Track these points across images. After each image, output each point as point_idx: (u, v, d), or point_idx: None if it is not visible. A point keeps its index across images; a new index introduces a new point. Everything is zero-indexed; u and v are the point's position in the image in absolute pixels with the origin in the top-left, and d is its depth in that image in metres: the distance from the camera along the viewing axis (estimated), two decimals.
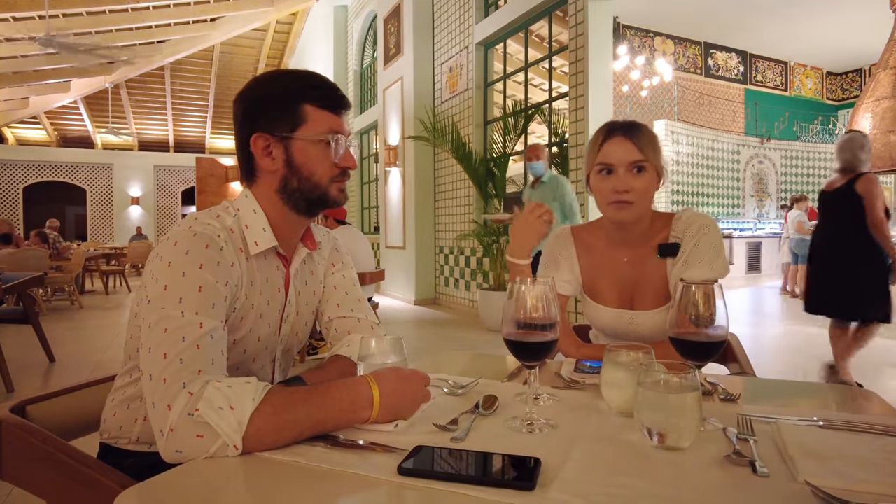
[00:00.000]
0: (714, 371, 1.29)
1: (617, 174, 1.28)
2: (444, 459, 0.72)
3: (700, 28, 12.02)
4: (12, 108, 12.59)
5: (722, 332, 0.88)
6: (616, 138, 1.29)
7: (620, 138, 1.28)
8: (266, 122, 0.98)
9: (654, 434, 0.75)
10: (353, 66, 10.80)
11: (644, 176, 1.27)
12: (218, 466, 0.72)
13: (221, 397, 0.76)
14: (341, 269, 1.20)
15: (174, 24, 9.54)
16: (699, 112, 12.76)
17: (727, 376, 1.32)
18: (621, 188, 1.26)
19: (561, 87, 6.70)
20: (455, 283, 7.42)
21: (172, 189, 17.10)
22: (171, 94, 14.95)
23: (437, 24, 7.77)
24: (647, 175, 1.27)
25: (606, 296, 1.43)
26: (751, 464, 0.70)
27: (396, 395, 0.83)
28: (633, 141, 1.27)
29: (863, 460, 0.70)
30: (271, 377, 1.11)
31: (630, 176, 1.27)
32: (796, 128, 14.04)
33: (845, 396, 1.13)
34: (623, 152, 1.27)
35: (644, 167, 1.27)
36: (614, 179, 1.28)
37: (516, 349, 0.86)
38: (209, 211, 0.99)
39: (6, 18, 7.94)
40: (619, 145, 1.28)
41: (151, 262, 0.91)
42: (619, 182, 1.27)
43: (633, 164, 1.26)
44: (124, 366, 1.03)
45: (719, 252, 1.31)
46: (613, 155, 1.28)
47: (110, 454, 1.02)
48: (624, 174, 1.27)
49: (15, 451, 0.90)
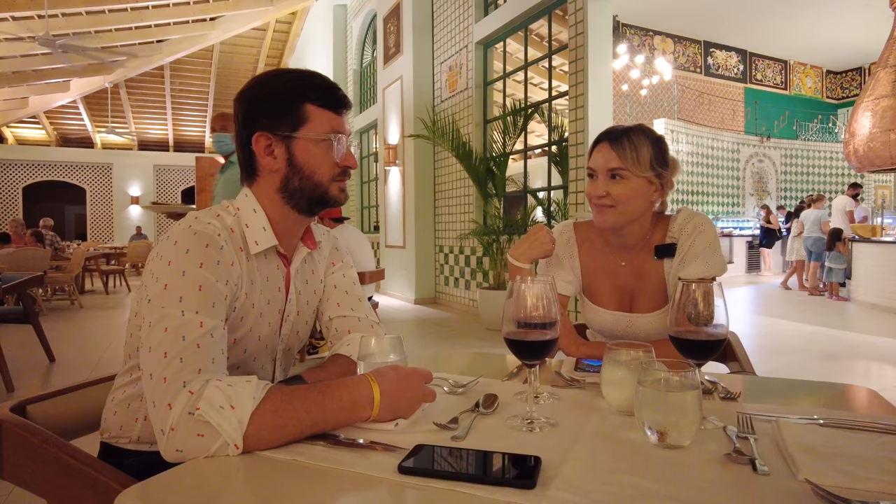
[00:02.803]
0: (714, 370, 1.29)
1: (597, 179, 1.33)
2: (444, 458, 0.72)
3: (700, 27, 12.01)
4: (12, 108, 12.59)
5: (722, 331, 0.88)
6: (601, 145, 1.34)
7: (604, 145, 1.33)
8: (268, 121, 0.98)
9: (655, 432, 0.75)
10: (352, 65, 10.80)
11: (622, 183, 1.30)
12: (218, 465, 0.72)
13: (222, 396, 0.76)
14: (341, 268, 1.20)
15: (173, 23, 9.53)
16: (699, 111, 12.75)
17: (727, 375, 1.32)
18: (598, 192, 1.32)
19: (560, 85, 6.70)
20: (455, 282, 7.42)
21: (172, 188, 17.09)
22: (171, 93, 14.94)
23: (437, 23, 7.76)
24: (626, 182, 1.30)
25: (605, 298, 1.43)
26: (751, 462, 0.70)
27: (397, 394, 0.84)
28: (615, 149, 1.30)
29: (863, 458, 0.70)
30: (272, 376, 1.11)
31: (608, 181, 1.31)
32: (796, 126, 14.05)
33: (845, 395, 1.13)
34: (603, 159, 1.32)
35: (622, 175, 1.29)
36: (595, 184, 1.34)
37: (516, 348, 0.86)
38: (209, 210, 0.99)
39: (6, 18, 7.94)
40: (601, 152, 1.33)
41: (151, 261, 0.91)
42: (597, 187, 1.32)
43: (610, 170, 1.31)
44: (124, 365, 1.03)
45: (715, 249, 1.33)
46: (595, 161, 1.34)
47: (111, 454, 1.02)
48: (603, 180, 1.32)
49: (15, 450, 0.90)
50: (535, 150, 7.33)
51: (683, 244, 1.34)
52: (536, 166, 8.38)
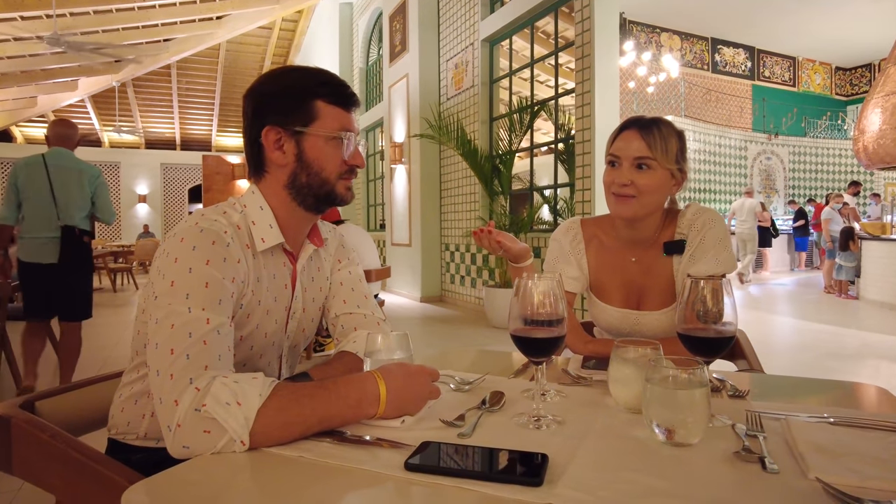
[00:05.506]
0: (722, 367, 1.28)
1: (622, 167, 1.27)
2: (451, 455, 0.71)
3: (707, 23, 11.95)
4: (21, 107, 12.66)
5: (731, 329, 0.88)
6: (628, 132, 1.28)
7: (633, 133, 1.27)
8: (278, 116, 0.98)
9: (663, 430, 0.75)
10: (358, 63, 10.80)
11: (648, 173, 1.25)
12: (225, 462, 0.72)
13: (228, 393, 0.76)
14: (347, 265, 1.20)
15: (180, 22, 9.55)
16: (706, 108, 12.69)
17: (735, 373, 1.31)
18: (622, 181, 1.26)
19: (567, 83, 6.67)
20: (461, 280, 7.42)
21: (179, 187, 17.17)
22: (178, 92, 14.99)
23: (443, 21, 7.75)
24: (652, 173, 1.25)
25: (613, 295, 1.42)
26: (760, 460, 0.69)
27: (403, 391, 0.83)
28: (645, 137, 1.25)
29: (874, 457, 0.69)
30: (278, 373, 1.11)
31: (633, 170, 1.26)
32: (804, 123, 13.95)
33: (855, 393, 1.12)
34: (630, 146, 1.26)
35: (649, 165, 1.25)
36: (618, 172, 1.28)
37: (523, 345, 0.86)
38: (216, 207, 0.99)
39: (14, 18, 7.98)
40: (628, 140, 1.27)
41: (158, 258, 0.91)
42: (622, 175, 1.27)
43: (637, 159, 1.25)
44: (132, 362, 1.04)
45: (725, 246, 1.30)
46: (621, 148, 1.28)
47: (118, 450, 1.03)
48: (628, 168, 1.26)
49: (24, 446, 0.90)
50: (542, 147, 7.31)
51: (693, 240, 1.31)
52: (542, 164, 8.37)
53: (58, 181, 3.30)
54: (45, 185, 3.27)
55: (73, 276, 3.37)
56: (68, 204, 3.31)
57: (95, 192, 3.44)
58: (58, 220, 3.28)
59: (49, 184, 3.28)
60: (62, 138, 3.42)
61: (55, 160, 3.33)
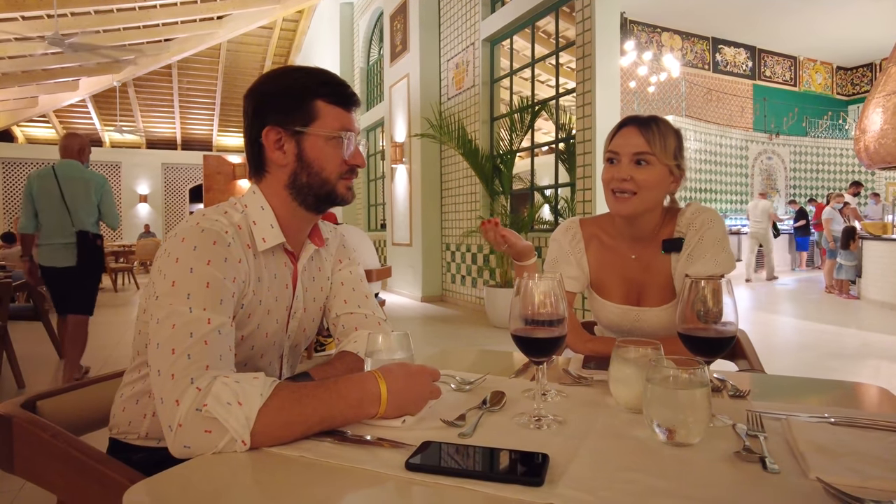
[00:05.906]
0: (723, 367, 1.28)
1: (621, 163, 1.28)
2: (451, 455, 0.71)
3: (708, 23, 11.93)
4: (22, 107, 12.67)
5: (731, 328, 0.87)
6: (627, 129, 1.29)
7: (632, 129, 1.28)
8: (278, 116, 0.99)
9: (663, 430, 0.75)
10: (359, 63, 10.80)
11: (647, 169, 1.26)
12: (226, 461, 0.72)
13: (229, 392, 0.76)
14: (348, 265, 1.20)
15: (181, 22, 9.56)
16: (707, 108, 12.68)
17: (736, 373, 1.31)
18: (622, 176, 1.27)
19: (568, 83, 6.67)
20: (462, 279, 7.42)
21: (180, 187, 17.17)
22: (179, 92, 15.00)
23: (444, 21, 7.75)
24: (651, 169, 1.26)
25: (613, 292, 1.42)
26: (761, 460, 0.69)
27: (404, 391, 0.83)
28: (643, 133, 1.26)
29: (875, 457, 0.69)
30: (279, 373, 1.12)
31: (632, 166, 1.27)
32: (805, 123, 13.93)
33: (856, 393, 1.11)
34: (629, 142, 1.27)
35: (647, 160, 1.26)
36: (617, 168, 1.29)
37: (524, 345, 0.86)
38: (216, 207, 0.99)
39: (15, 18, 7.99)
40: (627, 136, 1.28)
41: (159, 258, 0.91)
42: (621, 170, 1.27)
43: (636, 154, 1.27)
44: (133, 361, 1.04)
45: (724, 246, 1.31)
46: (619, 144, 1.29)
47: (119, 449, 1.03)
48: (627, 164, 1.27)
49: (26, 446, 0.90)
50: (542, 147, 7.30)
51: (691, 239, 1.32)
52: (543, 164, 8.36)
53: (68, 191, 3.62)
54: (56, 194, 3.59)
55: (89, 278, 3.70)
56: (79, 211, 3.61)
57: (101, 200, 3.73)
58: (72, 226, 3.59)
59: (60, 193, 3.60)
60: (69, 150, 3.76)
61: (64, 171, 3.65)
